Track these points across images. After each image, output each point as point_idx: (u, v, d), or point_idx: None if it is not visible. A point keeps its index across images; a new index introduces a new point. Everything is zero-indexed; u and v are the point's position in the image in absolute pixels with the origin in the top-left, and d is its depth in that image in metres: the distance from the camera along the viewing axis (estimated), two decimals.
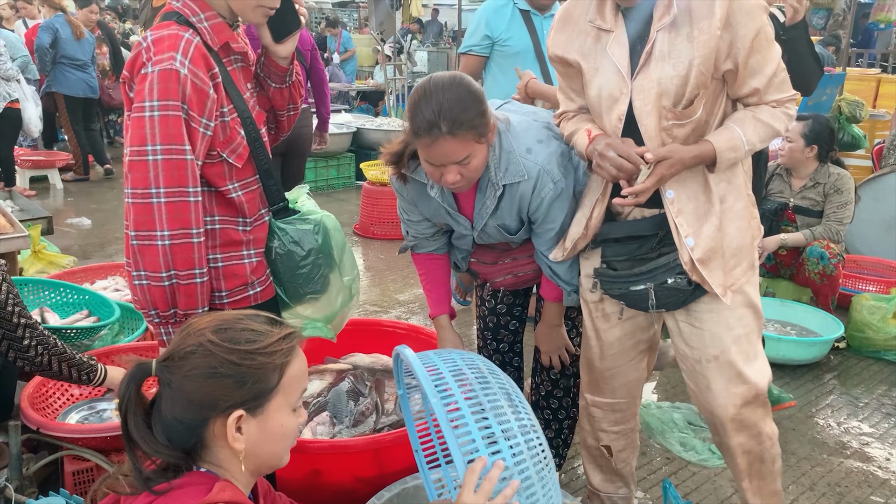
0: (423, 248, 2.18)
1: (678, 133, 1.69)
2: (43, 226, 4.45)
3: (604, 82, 1.72)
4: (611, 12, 1.71)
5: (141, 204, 1.49)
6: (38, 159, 6.76)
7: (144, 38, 1.52)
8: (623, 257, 1.84)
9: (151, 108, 1.47)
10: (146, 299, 1.54)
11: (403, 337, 2.83)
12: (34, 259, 4.09)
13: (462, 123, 1.69)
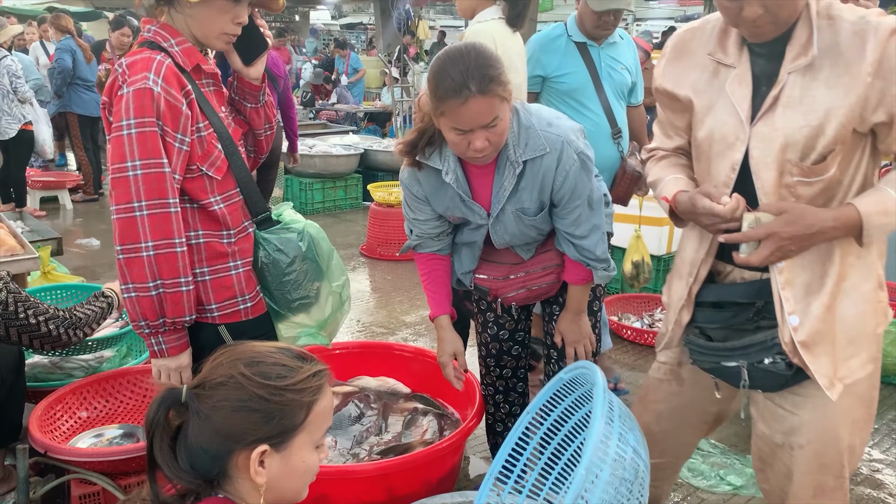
0: (426, 247, 2.14)
1: (803, 192, 1.44)
2: (53, 247, 4.48)
3: (717, 124, 1.51)
4: (735, 46, 1.50)
5: (125, 218, 1.57)
6: (49, 180, 6.82)
7: (120, 65, 1.60)
8: (716, 325, 1.61)
9: (129, 126, 1.56)
10: (136, 311, 1.61)
11: (410, 360, 2.83)
12: (43, 280, 4.11)
13: (491, 80, 1.66)
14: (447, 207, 2.01)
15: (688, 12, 21.73)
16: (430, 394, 2.71)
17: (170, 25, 1.68)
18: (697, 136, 1.57)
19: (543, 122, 1.85)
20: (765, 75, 1.46)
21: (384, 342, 3.37)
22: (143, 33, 1.69)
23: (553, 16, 24.42)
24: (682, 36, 1.62)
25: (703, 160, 1.57)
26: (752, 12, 1.36)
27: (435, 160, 1.91)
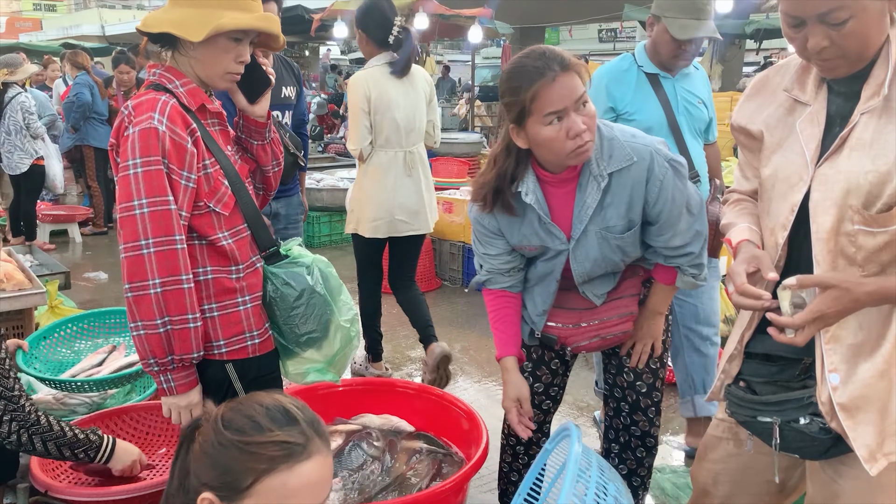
0: (496, 283, 2.02)
1: (864, 242, 1.32)
2: (60, 281, 4.50)
3: (783, 163, 1.43)
4: (813, 83, 1.43)
5: (132, 256, 1.59)
6: (59, 214, 6.90)
7: (126, 107, 1.64)
8: (761, 378, 1.49)
9: (135, 166, 1.58)
10: (144, 348, 1.62)
11: (413, 397, 2.82)
12: (50, 314, 4.13)
13: (569, 60, 1.66)
14: (524, 236, 1.90)
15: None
16: (434, 432, 2.69)
17: (174, 68, 1.71)
18: (763, 174, 1.49)
19: (627, 133, 1.80)
20: (840, 115, 1.38)
21: (388, 379, 3.36)
22: (148, 76, 1.73)
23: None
24: (767, 73, 1.57)
25: (766, 199, 1.49)
26: (817, 43, 1.29)
27: (525, 184, 1.83)
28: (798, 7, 1.28)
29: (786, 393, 1.43)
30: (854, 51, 1.30)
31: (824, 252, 1.35)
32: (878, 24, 1.28)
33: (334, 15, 9.51)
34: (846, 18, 1.24)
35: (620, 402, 2.19)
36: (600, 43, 28.01)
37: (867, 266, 1.34)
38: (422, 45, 10.49)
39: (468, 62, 20.13)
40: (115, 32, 22.91)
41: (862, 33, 1.27)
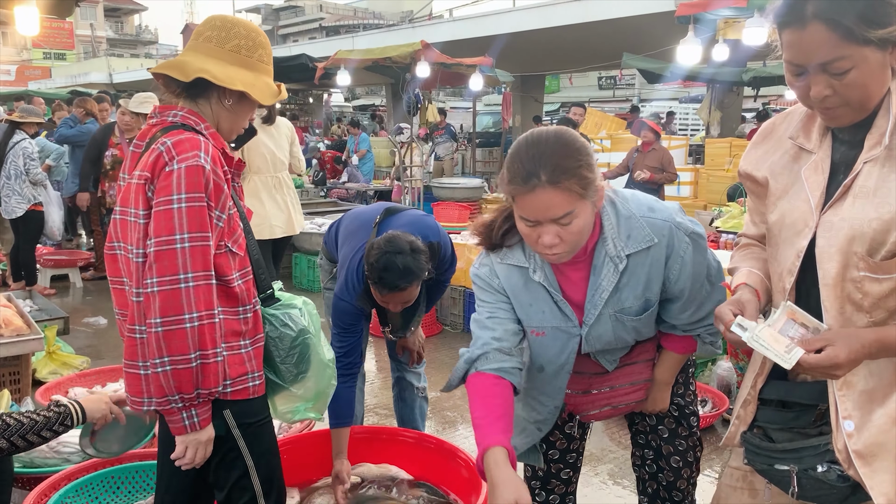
0: (491, 362, 1.67)
1: (871, 289, 1.32)
2: (59, 326, 4.50)
3: (789, 209, 1.44)
4: (818, 132, 1.44)
5: (169, 290, 1.58)
6: (60, 258, 6.89)
7: (163, 143, 1.65)
8: (777, 425, 1.47)
9: (179, 200, 1.60)
10: (169, 385, 1.60)
11: (413, 446, 2.77)
12: (48, 360, 4.11)
13: (564, 171, 1.49)
14: (534, 312, 1.72)
15: (691, 93, 22.28)
16: (433, 481, 2.64)
17: (197, 112, 1.74)
18: (770, 220, 1.49)
19: (644, 207, 1.67)
20: (844, 163, 1.39)
21: (386, 427, 3.30)
22: (165, 117, 1.74)
23: (559, 97, 25.14)
24: (774, 121, 1.57)
25: (773, 244, 1.49)
26: (819, 92, 1.30)
27: (518, 256, 1.69)
28: (800, 56, 1.30)
29: (802, 440, 1.41)
30: (856, 100, 1.31)
31: (832, 298, 1.35)
32: (880, 76, 1.29)
33: (337, 63, 9.69)
34: (848, 69, 1.26)
35: (644, 448, 2.04)
36: (600, 90, 28.48)
37: (874, 312, 1.34)
38: (423, 92, 10.66)
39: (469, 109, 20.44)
40: (122, 80, 23.37)
41: (863, 83, 1.28)
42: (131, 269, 1.66)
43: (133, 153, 1.77)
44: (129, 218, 1.68)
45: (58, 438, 2.72)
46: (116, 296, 1.79)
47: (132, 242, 1.66)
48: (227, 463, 1.77)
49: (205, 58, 1.72)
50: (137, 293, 1.63)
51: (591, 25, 11.43)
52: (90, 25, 44.46)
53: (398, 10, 43.98)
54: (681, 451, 1.97)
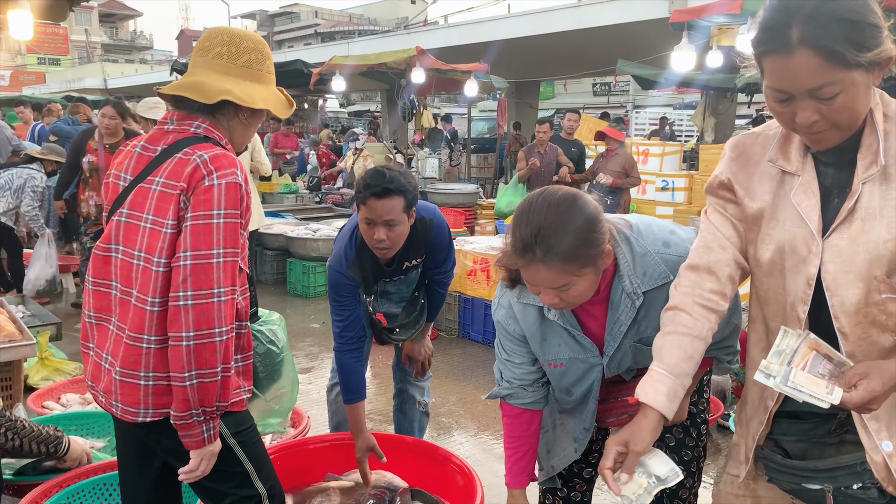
0: (517, 398, 1.86)
1: (894, 309, 1.32)
2: (52, 332, 4.47)
3: (787, 237, 1.39)
4: (797, 153, 1.40)
5: (203, 304, 1.59)
6: None
7: (200, 156, 1.65)
8: (793, 437, 1.47)
9: (219, 216, 1.62)
10: (195, 398, 1.61)
11: (408, 451, 2.75)
12: (40, 366, 4.08)
13: (559, 254, 1.49)
14: (551, 347, 1.78)
15: (685, 99, 22.37)
16: (428, 488, 2.62)
17: (217, 125, 1.75)
18: (765, 253, 1.43)
19: (659, 243, 1.67)
20: (837, 186, 1.36)
21: (381, 433, 3.28)
22: (186, 127, 1.72)
23: (554, 103, 25.21)
24: (743, 140, 1.51)
25: (777, 275, 1.42)
26: (807, 118, 1.27)
27: (533, 295, 1.69)
28: (787, 83, 1.26)
29: (835, 458, 1.40)
30: (844, 123, 1.29)
31: (852, 325, 1.33)
32: (865, 96, 1.28)
33: (333, 69, 9.70)
34: (837, 93, 1.24)
35: None
36: (594, 96, 28.55)
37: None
38: (419, 98, 10.68)
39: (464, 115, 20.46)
40: (117, 85, 23.33)
41: (851, 107, 1.26)
42: (136, 275, 1.65)
43: (140, 156, 1.74)
44: (144, 224, 1.66)
45: None
46: (97, 298, 1.76)
47: (148, 250, 1.64)
48: (226, 473, 1.75)
49: (221, 76, 1.72)
50: (153, 302, 1.62)
51: (585, 32, 11.47)
52: (85, 31, 44.45)
53: (393, 17, 44.12)
54: (685, 462, 1.98)
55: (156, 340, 1.64)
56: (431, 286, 2.88)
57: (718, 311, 1.49)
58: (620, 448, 1.45)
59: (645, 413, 1.45)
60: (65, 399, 3.53)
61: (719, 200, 1.52)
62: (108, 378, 1.71)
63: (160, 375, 1.65)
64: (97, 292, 1.76)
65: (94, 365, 1.78)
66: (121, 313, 1.70)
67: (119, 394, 1.68)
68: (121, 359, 1.66)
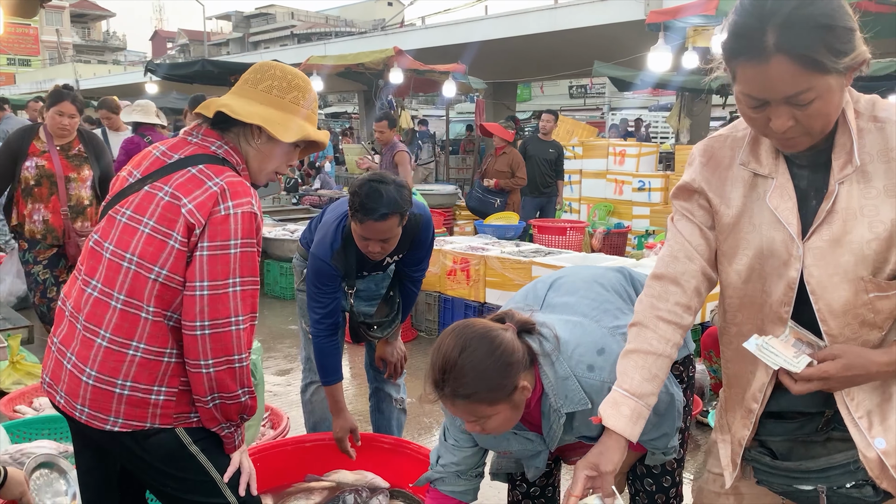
0: (448, 484, 1.87)
1: (883, 307, 1.31)
2: (23, 335, 4.37)
3: (765, 241, 1.37)
4: (767, 155, 1.38)
5: (221, 333, 1.60)
6: None
7: (215, 183, 1.63)
8: (779, 437, 1.46)
9: (236, 245, 1.61)
10: (219, 416, 1.67)
11: (389, 451, 2.74)
12: (11, 370, 4.00)
13: (465, 396, 1.54)
14: (492, 444, 1.83)
15: (661, 101, 22.62)
16: (412, 490, 2.60)
17: (238, 149, 1.74)
18: (742, 259, 1.41)
19: (583, 366, 1.65)
20: (813, 188, 1.34)
21: (362, 433, 3.26)
22: (208, 144, 1.71)
23: (531, 105, 25.35)
24: (711, 144, 1.47)
25: (756, 279, 1.40)
26: (782, 124, 1.25)
27: None
28: (762, 90, 1.24)
29: (827, 458, 1.40)
30: (818, 128, 1.27)
31: (840, 326, 1.33)
32: (839, 100, 1.26)
33: (310, 69, 9.64)
34: (812, 99, 1.22)
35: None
36: (571, 98, 28.77)
37: (885, 324, 1.34)
38: (397, 99, 10.67)
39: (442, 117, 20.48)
40: (90, 87, 22.99)
41: (825, 112, 1.25)
42: (125, 279, 1.62)
43: (157, 159, 1.71)
44: (143, 229, 1.63)
45: (20, 448, 2.66)
46: (79, 294, 1.69)
47: (143, 255, 1.61)
48: (192, 482, 1.71)
49: (234, 97, 1.73)
50: (149, 311, 1.61)
51: (562, 34, 11.55)
52: (56, 31, 43.78)
53: (370, 18, 44.04)
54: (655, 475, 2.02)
55: (144, 350, 1.61)
56: (405, 284, 2.88)
57: (683, 325, 1.48)
58: (590, 472, 1.44)
59: (609, 434, 1.44)
60: (37, 403, 3.45)
61: (686, 205, 1.48)
62: (71, 380, 1.65)
63: (137, 386, 1.61)
64: (79, 288, 1.71)
65: (55, 362, 1.72)
66: (91, 314, 1.64)
67: (88, 399, 1.62)
68: (98, 363, 1.61)
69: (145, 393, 1.62)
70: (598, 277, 1.96)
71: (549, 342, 1.65)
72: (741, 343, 1.41)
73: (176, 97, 14.92)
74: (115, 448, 1.70)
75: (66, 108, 4.19)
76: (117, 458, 1.76)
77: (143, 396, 1.62)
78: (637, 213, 8.58)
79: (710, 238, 1.47)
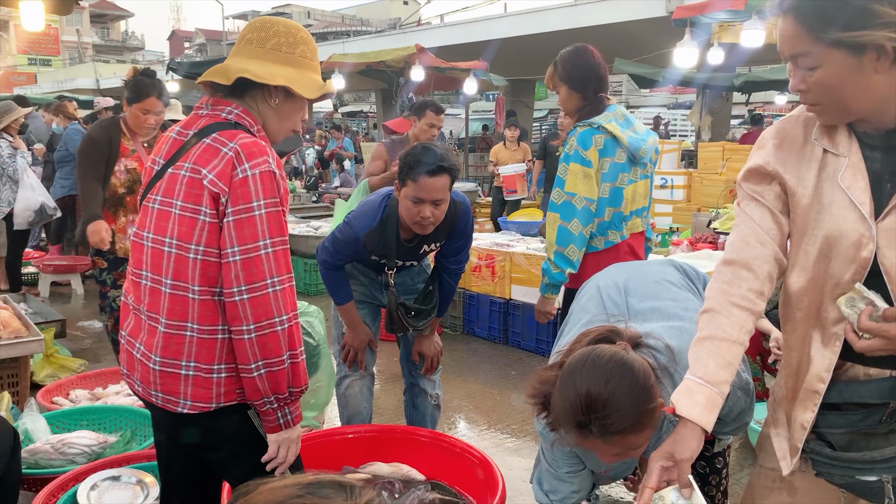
0: None
1: None
2: (56, 329, 4.43)
3: (834, 221, 1.35)
4: (843, 134, 1.37)
5: (259, 296, 1.58)
6: (60, 264, 6.74)
7: (230, 148, 1.61)
8: (840, 429, 1.43)
9: (259, 207, 1.59)
10: (265, 387, 1.62)
11: (426, 445, 2.74)
12: (45, 363, 4.04)
13: (621, 431, 1.46)
14: (596, 465, 1.81)
15: (679, 100, 22.45)
16: (447, 481, 2.61)
17: (250, 111, 1.72)
18: (809, 242, 1.39)
19: None
20: (887, 170, 1.32)
21: (398, 426, 3.26)
22: (218, 112, 1.70)
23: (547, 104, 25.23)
24: (783, 126, 1.47)
25: (823, 260, 1.38)
26: (794, 85, 1.32)
27: None
28: (779, 45, 1.32)
29: (894, 448, 1.36)
30: (827, 101, 1.28)
31: None
32: (854, 82, 1.25)
33: (331, 67, 9.67)
34: (813, 66, 1.25)
35: None
36: None
37: None
38: (417, 97, 10.65)
39: (458, 115, 20.44)
40: (109, 85, 23.19)
41: (829, 85, 1.25)
42: (169, 263, 1.63)
43: (175, 140, 1.71)
44: (174, 210, 1.64)
45: (62, 438, 2.69)
46: (134, 288, 1.74)
47: (181, 237, 1.61)
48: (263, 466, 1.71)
49: (246, 59, 1.70)
50: (194, 290, 1.61)
51: (582, 31, 11.47)
52: (76, 31, 44.18)
53: (386, 17, 44.06)
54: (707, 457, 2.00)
55: (198, 329, 1.63)
56: (443, 277, 2.88)
57: (756, 311, 1.46)
58: (665, 462, 1.40)
59: (684, 423, 1.41)
60: (73, 395, 3.50)
61: (757, 188, 1.47)
62: (142, 368, 1.69)
63: (200, 367, 1.64)
64: (133, 282, 1.74)
65: (127, 354, 1.77)
66: (150, 303, 1.68)
67: (159, 384, 1.67)
68: (160, 349, 1.64)
69: (207, 373, 1.64)
70: (664, 276, 1.94)
71: (661, 354, 1.61)
72: (807, 328, 1.40)
73: (196, 95, 15.03)
74: (189, 430, 1.72)
75: (153, 105, 3.57)
76: (191, 440, 1.77)
77: (205, 377, 1.64)
78: (659, 211, 8.50)
79: (781, 222, 1.45)
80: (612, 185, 2.75)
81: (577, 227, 2.66)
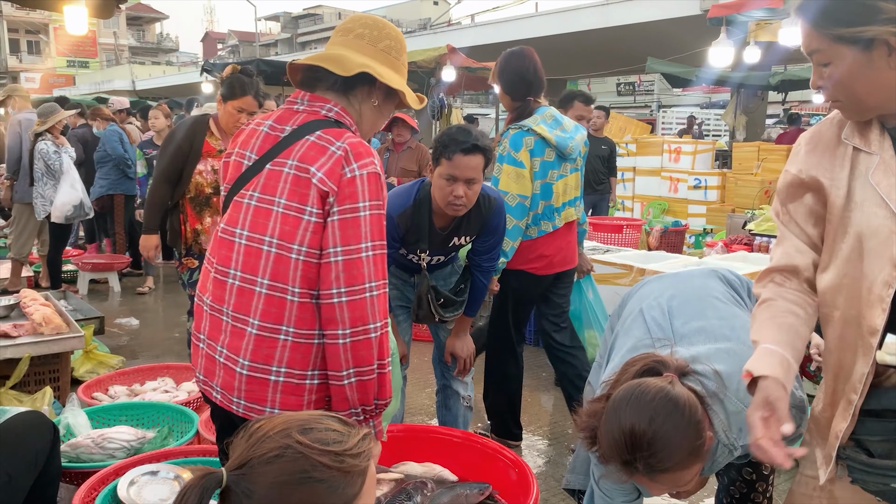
0: None
1: None
2: (95, 325, 4.52)
3: (865, 218, 1.34)
4: (875, 131, 1.36)
5: (357, 300, 1.53)
6: (98, 262, 6.86)
7: (338, 147, 1.57)
8: (878, 437, 1.40)
9: (364, 208, 1.55)
10: (353, 397, 1.56)
11: (458, 445, 2.73)
12: (84, 359, 4.13)
13: (667, 469, 1.44)
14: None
15: (713, 99, 22.14)
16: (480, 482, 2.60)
17: (346, 109, 1.68)
18: (842, 241, 1.38)
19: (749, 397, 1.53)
20: None
21: (429, 426, 3.27)
22: (317, 109, 1.65)
23: None
24: (817, 129, 1.48)
25: (854, 258, 1.36)
26: (814, 81, 1.34)
27: None
28: (802, 41, 1.35)
29: None
30: (843, 97, 1.28)
31: None
32: (867, 77, 1.25)
33: None
34: (825, 62, 1.27)
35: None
36: (619, 96, 28.37)
37: None
38: (447, 97, 10.67)
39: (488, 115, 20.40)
40: (145, 87, 23.65)
41: (841, 81, 1.25)
42: (267, 262, 1.57)
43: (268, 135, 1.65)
44: (277, 209, 1.58)
45: (102, 433, 2.74)
46: (216, 286, 1.66)
47: (283, 236, 1.56)
48: None
49: (358, 54, 1.65)
50: (294, 292, 1.56)
51: (614, 30, 11.42)
52: (113, 33, 45.10)
53: (416, 18, 44.18)
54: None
55: (294, 333, 1.57)
56: (475, 275, 2.88)
57: (814, 298, 1.46)
58: (764, 413, 1.34)
59: (765, 378, 1.35)
60: (113, 391, 3.57)
61: (793, 201, 1.48)
62: (226, 373, 1.62)
63: (291, 372, 1.58)
64: (218, 280, 1.66)
65: (206, 358, 1.68)
66: (238, 303, 1.60)
67: (244, 390, 1.59)
68: (250, 352, 1.58)
69: (300, 378, 1.58)
70: (708, 291, 1.91)
71: (710, 380, 1.58)
72: (845, 329, 1.38)
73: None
74: None
75: (248, 104, 3.44)
76: None
77: (298, 382, 1.58)
78: (693, 212, 8.42)
79: (819, 230, 1.45)
80: (543, 181, 3.10)
81: (510, 221, 2.93)
